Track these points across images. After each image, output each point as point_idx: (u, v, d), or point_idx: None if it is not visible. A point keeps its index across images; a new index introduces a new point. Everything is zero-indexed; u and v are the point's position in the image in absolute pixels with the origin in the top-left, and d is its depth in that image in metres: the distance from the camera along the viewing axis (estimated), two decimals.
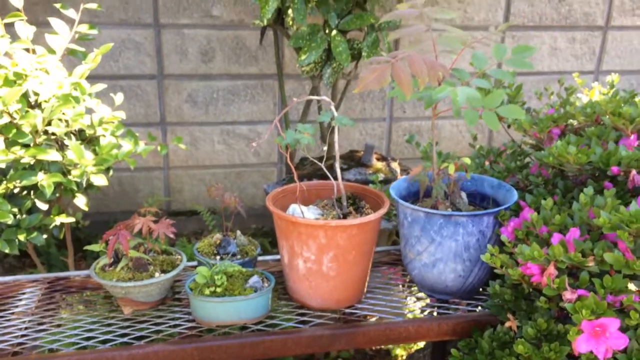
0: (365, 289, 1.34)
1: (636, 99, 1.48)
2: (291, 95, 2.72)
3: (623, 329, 0.95)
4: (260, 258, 1.49)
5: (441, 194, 1.29)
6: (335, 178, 1.30)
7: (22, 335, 1.17)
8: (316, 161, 1.36)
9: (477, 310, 1.29)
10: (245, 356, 1.19)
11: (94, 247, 1.25)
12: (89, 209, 1.75)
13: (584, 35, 2.88)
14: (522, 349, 1.04)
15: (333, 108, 1.28)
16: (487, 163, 1.56)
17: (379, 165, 2.13)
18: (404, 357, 2.06)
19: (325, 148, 2.67)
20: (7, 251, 1.53)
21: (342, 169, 2.16)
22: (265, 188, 2.16)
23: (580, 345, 0.95)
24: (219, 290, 1.19)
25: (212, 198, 1.37)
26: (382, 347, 2.18)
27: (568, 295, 1.00)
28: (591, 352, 0.95)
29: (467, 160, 1.30)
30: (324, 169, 1.28)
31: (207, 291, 1.19)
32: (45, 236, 1.66)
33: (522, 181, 1.46)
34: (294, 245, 1.23)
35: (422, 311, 1.31)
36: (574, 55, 2.90)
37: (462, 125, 2.92)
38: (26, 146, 1.54)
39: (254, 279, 1.24)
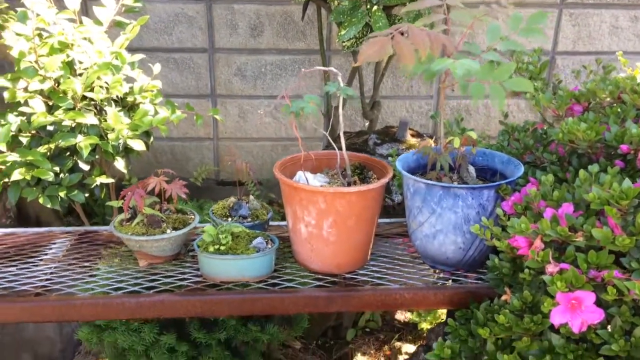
0: (369, 257, 1.37)
1: None
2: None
3: (600, 304, 0.94)
4: (274, 224, 1.56)
5: (446, 167, 1.30)
6: (340, 148, 1.33)
7: (47, 280, 1.29)
8: (326, 134, 1.40)
9: (478, 283, 1.30)
10: (245, 311, 1.25)
11: (114, 203, 1.35)
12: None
13: None
14: (502, 319, 1.05)
15: (340, 79, 1.30)
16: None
17: (413, 141, 2.13)
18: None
19: (367, 124, 2.69)
20: (49, 205, 1.67)
21: (375, 144, 2.18)
22: None
23: (555, 316, 0.94)
24: (223, 248, 1.26)
25: (226, 163, 1.43)
26: (410, 320, 2.21)
27: (550, 268, 1.00)
28: (567, 324, 0.94)
29: (473, 134, 1.30)
30: (332, 141, 1.32)
31: (211, 248, 1.26)
32: (87, 194, 1.80)
33: (538, 159, 1.43)
34: (296, 210, 1.28)
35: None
36: (636, 35, 2.75)
37: (512, 104, 2.85)
38: (68, 111, 1.66)
39: (258, 240, 1.30)
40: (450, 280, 1.31)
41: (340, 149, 1.33)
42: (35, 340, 2.09)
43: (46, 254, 1.39)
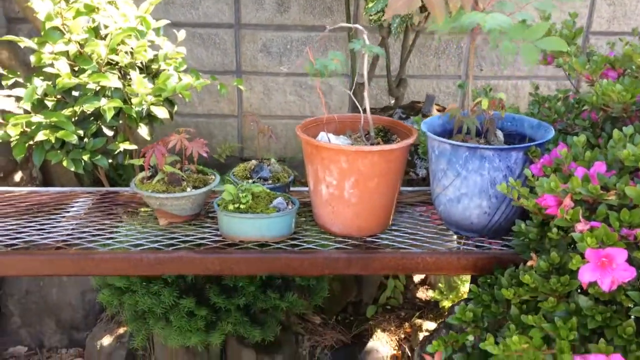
0: (391, 222, 1.34)
1: None
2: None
3: (632, 263, 0.90)
4: (296, 189, 1.54)
5: (473, 130, 1.26)
6: (365, 111, 1.30)
7: (68, 235, 1.29)
8: (349, 93, 1.37)
9: (503, 250, 1.26)
10: (264, 270, 1.24)
11: (135, 161, 1.35)
12: None
13: None
14: (528, 279, 1.01)
15: (365, 37, 1.27)
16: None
17: None
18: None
19: (393, 101, 2.65)
20: (72, 169, 1.68)
21: (401, 118, 2.15)
22: None
23: (584, 274, 0.90)
24: (242, 207, 1.25)
25: (249, 124, 1.42)
26: (432, 298, 2.17)
27: (580, 226, 0.96)
28: (596, 282, 0.90)
29: (502, 96, 1.26)
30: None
31: (231, 207, 1.25)
32: (110, 160, 1.80)
33: (570, 126, 1.39)
34: (317, 170, 1.25)
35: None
36: None
37: (542, 85, 2.78)
38: (93, 74, 1.66)
39: (278, 200, 1.29)
40: (474, 247, 1.27)
41: (364, 111, 1.30)
42: (59, 306, 2.11)
43: (68, 212, 1.40)
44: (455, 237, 1.32)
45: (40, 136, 1.60)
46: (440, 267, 1.23)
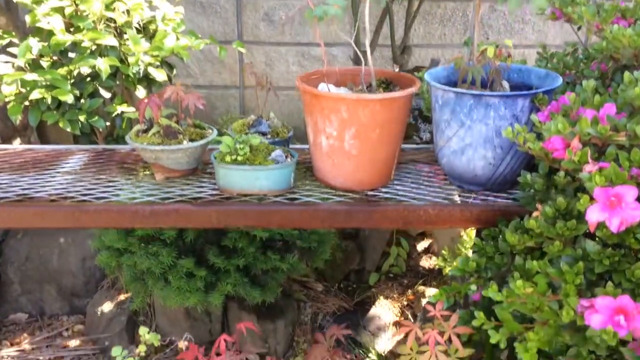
0: (393, 176, 1.31)
1: None
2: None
3: None
4: (296, 146, 1.50)
5: (478, 79, 1.22)
6: (366, 62, 1.26)
7: (62, 189, 1.26)
8: (351, 41, 1.33)
9: (508, 202, 1.22)
10: (262, 223, 1.21)
11: (131, 114, 1.31)
12: None
13: None
14: (533, 224, 0.98)
15: None
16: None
17: None
18: None
19: (397, 70, 2.60)
20: (69, 129, 1.65)
21: None
22: None
23: (592, 214, 0.87)
24: (240, 158, 1.21)
25: (249, 75, 1.38)
26: (436, 265, 2.14)
27: (588, 167, 0.92)
28: (604, 223, 0.87)
29: (509, 42, 1.21)
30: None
31: (228, 158, 1.22)
32: (107, 123, 1.77)
33: (578, 78, 1.34)
34: (317, 121, 1.22)
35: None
36: None
37: None
38: (88, 31, 1.63)
39: (277, 153, 1.25)
40: (478, 201, 1.24)
41: (366, 62, 1.26)
42: (59, 273, 2.09)
43: (63, 168, 1.37)
44: (459, 191, 1.28)
45: (36, 94, 1.57)
46: (443, 220, 1.20)
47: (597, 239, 0.94)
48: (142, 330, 1.45)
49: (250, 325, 1.36)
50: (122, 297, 1.99)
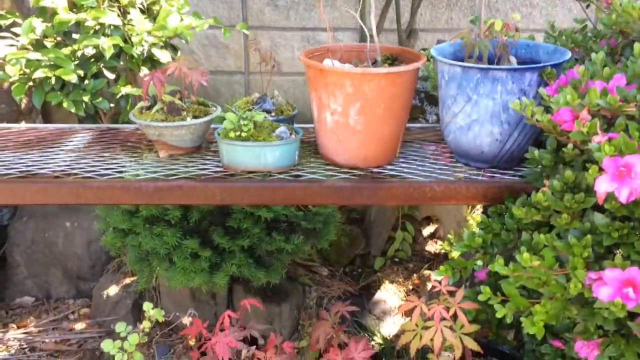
0: (398, 153, 1.30)
1: None
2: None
3: None
4: (301, 125, 1.49)
5: (485, 53, 1.20)
6: (372, 38, 1.24)
7: (66, 166, 1.26)
8: (357, 16, 1.31)
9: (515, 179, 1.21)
10: (266, 200, 1.20)
11: (133, 91, 1.30)
12: None
13: None
14: (540, 197, 0.96)
15: None
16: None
17: None
18: None
19: None
20: (73, 110, 1.65)
21: None
22: None
23: (601, 184, 0.85)
24: (244, 134, 1.20)
25: (252, 51, 1.37)
26: (442, 249, 2.13)
27: (597, 138, 0.90)
28: (613, 193, 0.85)
29: (517, 17, 1.20)
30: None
31: (232, 134, 1.20)
32: (112, 105, 1.77)
33: (587, 55, 1.32)
34: (321, 96, 1.20)
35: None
36: None
37: None
38: (91, 10, 1.62)
39: (281, 129, 1.24)
40: (484, 177, 1.22)
41: (371, 37, 1.24)
42: (65, 256, 2.09)
43: (67, 146, 1.36)
44: (465, 168, 1.26)
45: (39, 74, 1.56)
46: (449, 197, 1.18)
47: (605, 211, 0.92)
48: (147, 306, 1.45)
49: (255, 302, 1.35)
50: (127, 280, 1.99)
